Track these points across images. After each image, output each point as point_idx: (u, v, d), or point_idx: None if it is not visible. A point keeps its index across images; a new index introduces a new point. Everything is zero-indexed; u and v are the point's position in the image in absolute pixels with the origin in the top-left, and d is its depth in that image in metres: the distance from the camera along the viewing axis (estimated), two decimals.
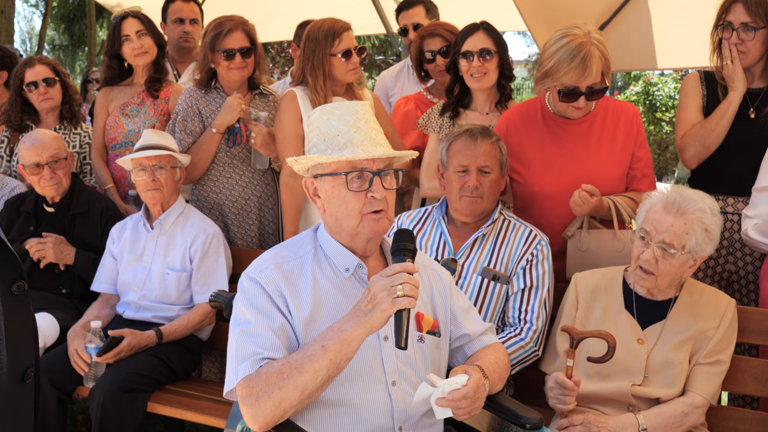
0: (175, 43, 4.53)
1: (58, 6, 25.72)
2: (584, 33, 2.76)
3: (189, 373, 3.41)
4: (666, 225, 2.42)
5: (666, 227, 2.42)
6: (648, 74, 14.02)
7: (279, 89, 4.68)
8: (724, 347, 2.52)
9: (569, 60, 2.73)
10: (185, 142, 3.67)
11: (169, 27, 4.54)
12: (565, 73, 2.76)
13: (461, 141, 2.82)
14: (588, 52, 2.72)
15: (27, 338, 1.57)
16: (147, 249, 3.45)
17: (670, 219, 2.42)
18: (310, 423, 1.95)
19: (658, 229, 2.43)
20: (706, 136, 3.15)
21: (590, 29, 2.79)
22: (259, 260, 2.05)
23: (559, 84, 2.82)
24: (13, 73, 4.16)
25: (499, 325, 2.81)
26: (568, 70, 2.75)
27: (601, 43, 2.78)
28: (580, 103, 2.86)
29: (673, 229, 2.41)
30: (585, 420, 2.42)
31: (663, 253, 2.43)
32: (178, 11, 4.53)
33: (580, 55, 2.72)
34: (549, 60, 2.80)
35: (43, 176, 3.57)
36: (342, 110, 1.98)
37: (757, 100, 3.16)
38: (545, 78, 2.84)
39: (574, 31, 2.77)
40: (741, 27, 3.07)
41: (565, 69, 2.75)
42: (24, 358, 1.55)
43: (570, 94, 2.83)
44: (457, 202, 2.81)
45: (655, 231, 2.44)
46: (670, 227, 2.41)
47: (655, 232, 2.44)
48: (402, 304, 1.80)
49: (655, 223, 2.44)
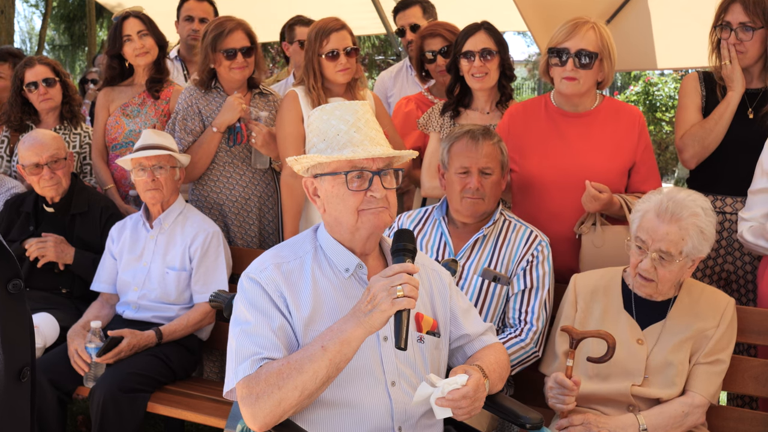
0: (185, 41, 4.54)
1: (58, 6, 25.71)
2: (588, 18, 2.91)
3: (189, 373, 3.41)
4: (661, 233, 2.40)
5: (661, 236, 2.40)
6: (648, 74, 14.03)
7: (280, 89, 4.68)
8: (723, 347, 2.52)
9: (562, 26, 2.90)
10: (185, 141, 3.67)
11: (180, 25, 4.57)
12: (556, 36, 2.91)
13: (463, 142, 2.82)
14: (582, 22, 2.88)
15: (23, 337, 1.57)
16: (147, 249, 3.45)
17: (664, 227, 2.40)
18: (309, 423, 1.95)
19: (654, 237, 2.42)
20: (705, 137, 3.16)
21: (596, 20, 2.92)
22: (259, 260, 2.05)
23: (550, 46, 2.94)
24: (13, 75, 4.16)
25: (499, 326, 2.81)
26: (560, 32, 2.90)
27: (604, 28, 2.90)
28: (568, 67, 2.89)
29: (668, 237, 2.40)
30: (585, 420, 2.42)
31: (661, 261, 2.42)
32: (189, 9, 4.55)
33: (572, 21, 2.89)
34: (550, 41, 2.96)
35: (43, 176, 3.57)
36: (342, 110, 1.98)
37: (756, 101, 3.16)
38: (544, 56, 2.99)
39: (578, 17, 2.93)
40: (739, 27, 3.07)
41: (557, 33, 2.91)
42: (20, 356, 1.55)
43: (560, 54, 2.90)
44: (459, 204, 2.81)
45: (651, 240, 2.43)
46: (665, 235, 2.40)
47: (651, 241, 2.42)
48: (402, 304, 1.80)
49: (650, 231, 2.43)
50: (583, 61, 2.86)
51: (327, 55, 3.40)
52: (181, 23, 4.55)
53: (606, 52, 2.87)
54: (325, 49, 3.40)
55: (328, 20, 3.46)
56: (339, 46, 3.40)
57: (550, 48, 2.93)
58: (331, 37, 3.39)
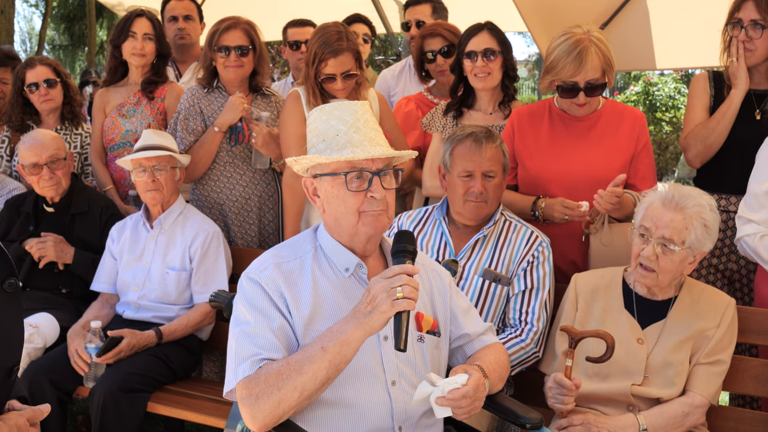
0: (173, 42, 4.53)
1: (58, 6, 25.72)
2: (584, 31, 2.86)
3: (189, 373, 3.41)
4: (666, 220, 2.43)
5: (666, 222, 2.43)
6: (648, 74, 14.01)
7: (280, 89, 4.68)
8: (724, 347, 2.52)
9: (566, 55, 2.84)
10: (187, 140, 3.68)
11: (165, 27, 4.55)
12: (562, 68, 2.86)
13: (466, 145, 2.79)
14: (584, 48, 2.82)
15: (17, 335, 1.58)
16: (147, 249, 3.45)
17: (669, 214, 2.43)
18: (309, 423, 1.95)
19: (658, 224, 2.44)
20: (708, 135, 3.15)
21: (591, 28, 2.89)
22: (259, 260, 2.05)
23: (558, 79, 2.91)
24: (14, 75, 4.16)
25: (499, 326, 2.81)
26: (565, 64, 2.85)
27: (601, 42, 2.86)
28: (580, 99, 2.92)
29: (672, 224, 2.42)
30: (585, 420, 2.42)
31: (663, 249, 2.44)
32: (172, 10, 4.54)
33: (576, 50, 2.82)
34: (549, 56, 2.92)
35: (43, 176, 3.57)
36: (341, 110, 1.98)
37: (764, 101, 3.15)
38: (547, 74, 2.95)
39: (574, 30, 2.88)
40: (750, 24, 3.06)
41: (562, 64, 2.86)
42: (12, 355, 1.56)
43: (568, 90, 2.91)
44: (461, 207, 2.80)
45: (654, 227, 2.45)
46: (669, 222, 2.42)
47: (655, 228, 2.44)
48: (401, 305, 1.80)
49: (655, 219, 2.45)
50: (593, 92, 2.90)
51: (324, 79, 3.36)
52: (167, 25, 4.51)
53: (609, 68, 2.89)
54: (323, 72, 3.33)
55: (331, 33, 3.33)
56: (336, 71, 3.33)
57: (558, 85, 2.91)
58: (329, 61, 3.31)
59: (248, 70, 3.67)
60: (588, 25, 2.89)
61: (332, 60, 3.31)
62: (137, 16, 3.90)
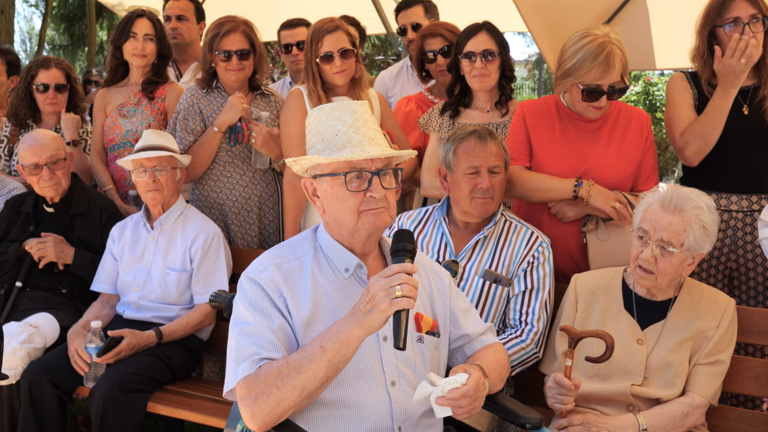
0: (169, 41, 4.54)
1: (58, 6, 25.71)
2: (604, 33, 2.81)
3: (189, 373, 3.42)
4: (664, 223, 2.42)
5: (664, 225, 2.42)
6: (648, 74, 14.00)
7: (279, 89, 4.68)
8: (723, 347, 2.53)
9: (592, 58, 2.77)
10: (186, 140, 3.68)
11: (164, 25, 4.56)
12: (587, 71, 2.79)
13: (470, 142, 2.79)
14: (611, 51, 2.76)
15: None
16: (147, 249, 3.45)
17: (667, 217, 2.43)
18: (309, 423, 1.95)
19: (656, 227, 2.44)
20: (708, 132, 3.13)
21: (609, 30, 2.84)
22: (259, 260, 2.05)
23: (581, 82, 2.84)
24: (25, 69, 4.16)
25: (499, 326, 2.81)
26: (591, 68, 2.78)
27: (621, 44, 2.82)
28: (602, 102, 2.88)
29: (671, 227, 2.42)
30: (585, 420, 2.43)
31: (662, 252, 2.44)
32: (167, 9, 4.56)
33: (603, 53, 2.76)
34: (570, 59, 2.83)
35: (42, 177, 3.57)
36: (340, 110, 1.98)
37: (748, 97, 3.15)
38: (566, 77, 2.87)
39: (594, 31, 2.82)
40: (751, 20, 3.00)
41: (588, 67, 2.78)
42: None
43: (592, 93, 2.84)
44: (468, 205, 2.79)
45: (653, 229, 2.44)
46: (668, 225, 2.42)
47: (654, 231, 2.44)
48: (401, 304, 1.80)
49: (653, 221, 2.45)
50: (615, 96, 2.87)
51: (322, 58, 3.39)
52: (164, 24, 4.54)
53: (626, 71, 2.86)
54: (320, 51, 3.38)
55: (323, 21, 3.44)
56: (333, 48, 3.37)
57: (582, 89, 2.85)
58: (324, 39, 3.36)
59: (249, 73, 3.68)
60: (605, 26, 2.86)
61: (327, 37, 3.36)
62: (138, 17, 3.91)
